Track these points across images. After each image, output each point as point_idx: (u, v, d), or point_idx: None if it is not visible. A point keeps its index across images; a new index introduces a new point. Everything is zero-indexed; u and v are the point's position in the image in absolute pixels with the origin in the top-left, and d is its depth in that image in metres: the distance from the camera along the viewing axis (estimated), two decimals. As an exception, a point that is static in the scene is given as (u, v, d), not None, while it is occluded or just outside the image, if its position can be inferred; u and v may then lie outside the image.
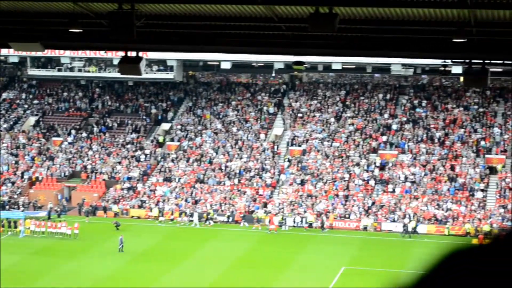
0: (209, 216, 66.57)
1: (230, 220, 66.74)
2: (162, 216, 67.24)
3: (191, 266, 53.53)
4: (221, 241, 60.94)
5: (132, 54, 26.71)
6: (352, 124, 77.26)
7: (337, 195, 68.47)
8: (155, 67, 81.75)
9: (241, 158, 74.86)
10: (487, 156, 71.40)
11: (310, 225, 64.61)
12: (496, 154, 71.43)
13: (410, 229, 62.55)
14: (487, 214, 64.44)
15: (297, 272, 52.22)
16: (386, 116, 77.87)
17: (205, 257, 55.68)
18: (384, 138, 74.83)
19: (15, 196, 71.52)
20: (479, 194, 67.19)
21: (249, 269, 52.89)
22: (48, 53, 72.26)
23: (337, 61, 73.58)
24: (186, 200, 69.51)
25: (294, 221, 65.54)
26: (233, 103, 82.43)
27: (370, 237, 62.50)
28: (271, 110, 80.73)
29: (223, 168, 73.74)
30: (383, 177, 69.94)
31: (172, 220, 66.91)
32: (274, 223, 64.26)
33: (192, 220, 66.20)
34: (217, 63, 79.98)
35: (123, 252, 56.25)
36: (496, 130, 74.12)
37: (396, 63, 74.78)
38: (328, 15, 20.61)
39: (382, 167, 71.50)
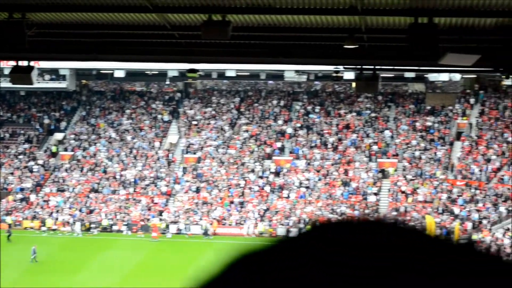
0: (91, 226, 66.12)
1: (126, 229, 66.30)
2: (56, 226, 66.39)
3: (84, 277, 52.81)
4: (116, 250, 60.33)
5: (24, 63, 26.24)
6: (247, 131, 77.62)
7: (232, 202, 68.65)
8: (47, 77, 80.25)
9: (135, 166, 74.29)
10: (379, 160, 72.77)
11: (206, 233, 64.51)
12: (388, 158, 72.86)
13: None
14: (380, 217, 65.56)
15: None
16: (280, 122, 78.52)
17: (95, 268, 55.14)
18: (279, 144, 75.45)
19: None
20: (372, 198, 68.41)
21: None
22: None
23: (231, 68, 73.89)
24: (80, 210, 68.57)
25: (178, 229, 65.43)
26: (127, 111, 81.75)
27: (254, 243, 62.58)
28: (166, 118, 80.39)
29: (117, 177, 73.04)
30: (275, 185, 70.45)
31: (56, 230, 66.13)
32: (157, 231, 64.17)
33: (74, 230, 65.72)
34: (111, 71, 79.15)
35: (37, 263, 55.59)
36: (388, 134, 75.65)
37: (290, 70, 75.54)
38: (221, 23, 20.69)
39: (277, 173, 72.04)
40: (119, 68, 74.76)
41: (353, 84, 64.87)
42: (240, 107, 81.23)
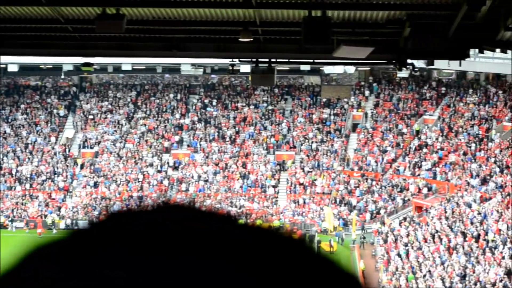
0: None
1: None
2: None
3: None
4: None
5: None
6: (144, 125, 77.11)
7: (131, 197, 68.10)
8: None
9: (32, 162, 72.95)
10: (277, 152, 73.28)
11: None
12: (286, 150, 73.43)
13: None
14: (279, 210, 66.17)
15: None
16: (177, 116, 78.27)
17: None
18: (177, 138, 75.20)
19: None
20: (271, 190, 68.88)
21: None
22: None
23: (127, 62, 73.21)
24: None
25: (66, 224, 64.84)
26: (22, 106, 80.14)
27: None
28: (62, 112, 79.15)
29: (13, 173, 71.57)
30: (174, 179, 70.22)
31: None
32: (41, 227, 63.42)
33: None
34: (4, 66, 77.27)
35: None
36: (285, 127, 76.24)
37: (186, 63, 75.27)
38: (115, 16, 20.43)
39: (175, 167, 71.80)
40: (12, 62, 73.09)
41: (250, 77, 65.18)
42: (137, 101, 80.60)
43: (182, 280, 0.91)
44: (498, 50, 21.89)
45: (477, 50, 25.53)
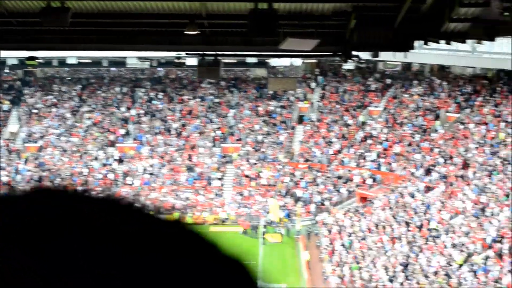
0: None
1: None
2: None
3: None
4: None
5: None
6: (90, 119, 76.60)
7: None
8: None
9: (-26, 157, 72.04)
10: (223, 145, 73.35)
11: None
12: (232, 143, 73.52)
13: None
14: (224, 202, 66.27)
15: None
16: (123, 109, 77.90)
17: None
18: (122, 131, 74.86)
19: None
20: (217, 183, 68.95)
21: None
22: None
23: (72, 56, 72.65)
24: None
25: None
26: (-36, 100, 79.04)
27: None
28: (6, 107, 78.19)
29: (-45, 168, 70.61)
30: (119, 172, 69.92)
31: None
32: None
33: None
34: None
35: None
36: (231, 119, 76.34)
37: (132, 56, 74.98)
38: (60, 9, 20.32)
39: (120, 160, 71.48)
40: (-46, 56, 72.02)
41: (196, 70, 65.12)
42: (82, 94, 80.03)
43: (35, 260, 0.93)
44: (442, 41, 22.21)
45: (422, 42, 25.85)
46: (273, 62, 76.55)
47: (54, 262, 0.92)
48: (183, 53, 33.74)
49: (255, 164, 70.52)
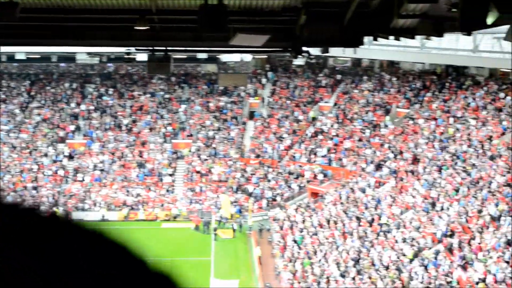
0: None
1: None
2: None
3: None
4: None
5: None
6: (39, 115, 75.84)
7: (25, 187, 66.96)
8: None
9: None
10: (173, 141, 73.13)
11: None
12: (183, 139, 73.34)
13: (100, 217, 62.80)
14: (176, 198, 66.09)
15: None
16: (73, 105, 77.30)
17: None
18: (72, 127, 74.25)
19: None
20: (168, 179, 68.72)
21: None
22: None
23: (20, 51, 71.78)
24: None
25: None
26: None
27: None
28: (-48, 102, 77.12)
29: None
30: (69, 169, 69.36)
31: None
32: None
33: None
34: None
35: None
36: (182, 115, 76.14)
37: (81, 52, 74.27)
38: (9, 4, 20.03)
39: (70, 157, 70.90)
40: None
41: (146, 66, 64.79)
42: (31, 90, 79.22)
43: None
44: (391, 37, 22.33)
45: (371, 38, 25.97)
46: (224, 57, 76.50)
47: None
48: (133, 49, 33.55)
49: (206, 160, 70.44)
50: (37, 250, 1.06)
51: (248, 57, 77.92)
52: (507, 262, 37.09)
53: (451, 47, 69.77)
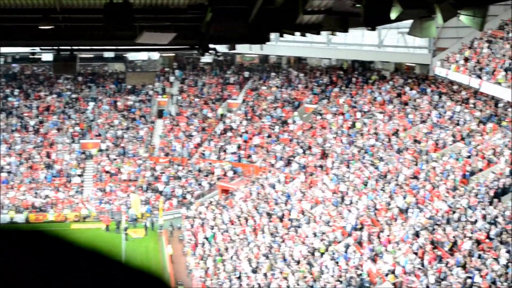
0: None
1: None
2: None
3: None
4: None
5: None
6: None
7: None
8: None
9: None
10: (82, 141, 72.29)
11: None
12: (91, 139, 72.53)
13: (8, 219, 61.70)
14: (85, 198, 65.38)
15: None
16: (-23, 106, 75.71)
17: None
18: (-24, 129, 72.74)
19: None
20: (77, 179, 67.91)
21: None
22: None
23: None
24: None
25: None
26: None
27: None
28: None
29: None
30: (-22, 170, 68.00)
31: None
32: None
33: None
34: None
35: None
36: (90, 115, 75.31)
37: (-15, 52, 72.83)
38: None
39: (-24, 159, 69.47)
40: None
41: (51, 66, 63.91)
42: None
43: None
44: (297, 33, 22.56)
45: (278, 34, 26.18)
46: (131, 56, 76.08)
47: None
48: (37, 49, 33.03)
49: (115, 159, 69.87)
50: None
51: (155, 56, 77.67)
52: (416, 253, 37.82)
53: (357, 43, 70.90)
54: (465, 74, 52.86)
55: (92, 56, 71.41)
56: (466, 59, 54.84)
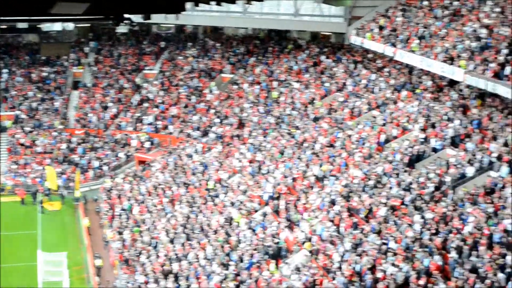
0: None
1: None
2: None
3: None
4: None
5: None
6: None
7: None
8: None
9: None
10: (-4, 113, 71.00)
11: None
12: (5, 111, 71.13)
13: None
14: (0, 172, 64.29)
15: None
16: None
17: None
18: None
19: None
20: (-12, 153, 66.76)
21: None
22: None
23: None
24: None
25: None
26: None
27: None
28: None
29: None
30: None
31: None
32: None
33: None
34: None
35: None
36: (3, 87, 73.80)
37: None
38: None
39: None
40: None
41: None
42: None
43: None
44: (213, 3, 22.48)
45: (193, 3, 26.05)
46: (45, 27, 74.73)
47: None
48: None
49: (31, 132, 68.78)
50: None
51: (70, 26, 76.46)
52: (332, 221, 38.32)
53: (273, 12, 71.11)
54: (380, 43, 53.40)
55: (5, 27, 69.92)
56: (381, 28, 55.44)
